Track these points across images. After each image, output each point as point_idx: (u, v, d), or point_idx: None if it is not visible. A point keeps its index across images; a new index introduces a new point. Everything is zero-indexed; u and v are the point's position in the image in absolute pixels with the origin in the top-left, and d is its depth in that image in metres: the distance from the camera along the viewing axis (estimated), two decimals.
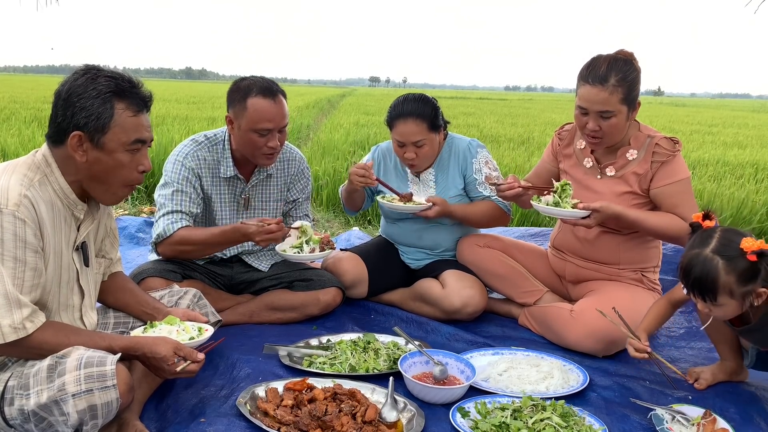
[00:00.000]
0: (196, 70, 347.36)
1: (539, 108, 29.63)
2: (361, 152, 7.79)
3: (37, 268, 1.65)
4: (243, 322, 2.68)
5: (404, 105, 2.78)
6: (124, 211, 4.96)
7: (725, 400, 2.17)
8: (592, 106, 2.39)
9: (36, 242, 1.64)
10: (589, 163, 2.62)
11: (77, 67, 1.77)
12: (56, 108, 1.72)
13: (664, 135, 2.52)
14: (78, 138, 1.69)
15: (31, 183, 1.68)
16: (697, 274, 1.88)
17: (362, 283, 2.92)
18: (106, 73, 1.73)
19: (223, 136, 2.65)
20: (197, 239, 2.45)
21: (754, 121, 24.31)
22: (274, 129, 2.48)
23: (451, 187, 2.89)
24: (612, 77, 2.35)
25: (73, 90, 1.70)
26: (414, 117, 2.73)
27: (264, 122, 2.45)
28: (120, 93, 1.72)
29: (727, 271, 1.84)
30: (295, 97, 28.57)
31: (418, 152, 2.77)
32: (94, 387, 1.56)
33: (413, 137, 2.74)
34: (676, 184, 2.44)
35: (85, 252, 1.86)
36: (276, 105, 2.47)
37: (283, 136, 2.56)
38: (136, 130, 1.75)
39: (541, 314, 2.72)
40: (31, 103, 15.69)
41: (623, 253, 2.62)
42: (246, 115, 2.46)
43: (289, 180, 2.82)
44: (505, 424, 1.86)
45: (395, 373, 2.14)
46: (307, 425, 1.82)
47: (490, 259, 2.85)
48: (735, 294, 1.87)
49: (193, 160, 2.57)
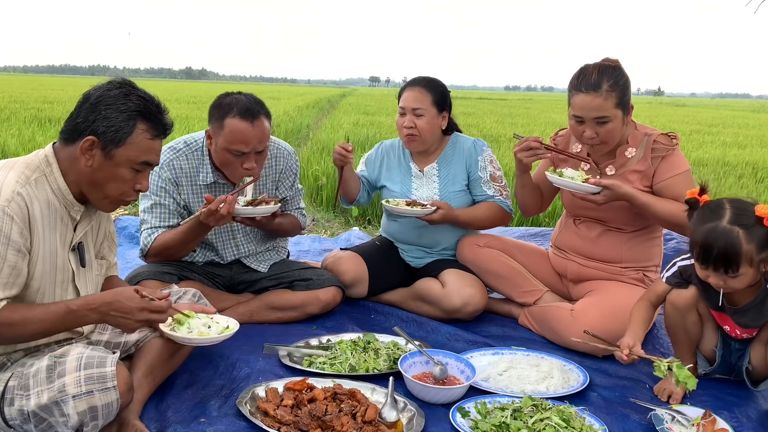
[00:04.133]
0: (196, 70, 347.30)
1: (539, 108, 29.62)
2: (361, 152, 7.78)
3: (16, 267, 1.64)
4: (243, 321, 2.65)
5: (417, 77, 2.91)
6: (124, 211, 4.95)
7: (725, 401, 2.18)
8: (588, 113, 2.39)
9: (21, 241, 1.64)
10: (586, 166, 2.63)
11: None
12: (80, 109, 1.74)
13: (660, 132, 2.53)
14: (91, 143, 1.71)
15: (28, 181, 1.69)
16: (720, 247, 1.88)
17: (362, 283, 2.91)
18: (139, 92, 1.77)
19: (202, 142, 2.59)
20: (173, 241, 2.46)
21: (754, 121, 24.31)
22: (249, 152, 2.41)
23: (454, 182, 2.91)
24: (604, 83, 2.37)
25: (104, 98, 1.73)
26: (421, 86, 2.84)
27: (239, 144, 2.38)
28: (146, 114, 1.76)
29: (747, 241, 1.87)
30: (295, 97, 28.59)
31: (416, 123, 2.80)
32: (94, 388, 1.57)
33: (414, 103, 2.80)
34: (678, 177, 2.46)
35: (81, 253, 1.86)
36: (254, 128, 2.39)
37: (262, 158, 2.49)
38: (148, 152, 1.78)
39: (541, 314, 2.72)
40: (31, 103, 15.70)
41: (626, 252, 2.63)
42: (222, 134, 2.40)
43: (277, 177, 2.77)
44: (505, 424, 1.86)
45: (395, 373, 2.14)
46: (307, 425, 1.82)
47: (490, 259, 2.85)
48: (754, 262, 1.90)
49: (169, 170, 2.53)
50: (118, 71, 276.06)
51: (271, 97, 24.60)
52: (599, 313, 2.47)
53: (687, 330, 2.21)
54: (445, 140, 2.98)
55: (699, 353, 2.31)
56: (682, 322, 2.19)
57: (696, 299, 2.15)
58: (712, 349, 2.23)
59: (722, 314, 2.14)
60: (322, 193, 5.95)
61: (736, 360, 2.20)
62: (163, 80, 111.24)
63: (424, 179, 2.95)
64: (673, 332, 2.26)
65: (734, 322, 2.13)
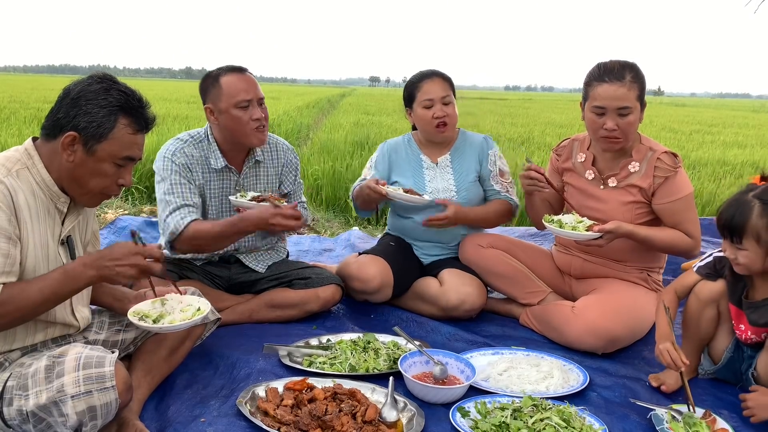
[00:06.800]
0: (196, 70, 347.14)
1: (539, 108, 29.63)
2: (361, 152, 7.78)
3: (10, 255, 1.64)
4: (243, 321, 2.67)
5: (426, 70, 2.93)
6: (124, 211, 4.95)
7: (725, 401, 2.17)
8: (612, 103, 2.39)
9: (10, 228, 1.64)
10: (591, 175, 2.63)
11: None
12: (60, 104, 1.73)
13: (664, 149, 2.53)
14: (72, 138, 1.70)
15: (9, 172, 1.69)
16: (730, 212, 1.96)
17: (388, 287, 2.83)
18: (119, 86, 1.76)
19: (205, 133, 2.65)
20: (208, 233, 2.44)
21: (754, 121, 24.31)
22: (252, 99, 2.52)
23: (468, 173, 2.94)
24: (627, 74, 2.40)
25: (84, 93, 1.72)
26: (438, 76, 2.89)
27: (241, 93, 2.50)
28: (127, 109, 1.75)
29: (760, 215, 1.91)
30: (295, 97, 28.59)
31: (446, 110, 2.84)
32: (93, 388, 1.57)
33: (441, 92, 2.84)
34: (679, 202, 2.47)
35: (71, 246, 1.85)
36: (247, 78, 2.55)
37: (265, 110, 2.58)
38: (130, 147, 1.77)
39: (542, 312, 2.72)
40: (31, 103, 15.69)
41: (630, 252, 2.63)
42: (223, 94, 2.50)
43: (281, 169, 2.81)
44: (505, 423, 1.86)
45: (395, 373, 2.14)
46: (307, 425, 1.82)
47: (494, 260, 2.84)
48: (761, 240, 1.91)
49: (182, 156, 2.56)
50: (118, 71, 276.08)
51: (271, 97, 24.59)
52: (601, 311, 2.48)
53: (700, 325, 2.21)
54: (455, 132, 3.00)
55: (706, 353, 2.31)
56: (698, 316, 2.19)
57: (720, 295, 2.15)
58: (723, 350, 2.22)
59: (739, 312, 2.13)
60: (322, 192, 5.95)
61: (746, 368, 2.18)
62: (163, 80, 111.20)
63: (438, 170, 2.95)
64: (687, 325, 2.26)
65: (748, 319, 2.12)
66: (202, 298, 2.04)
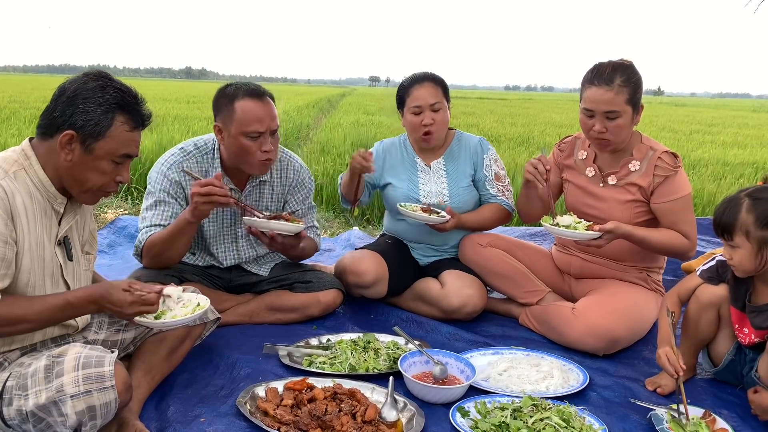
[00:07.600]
0: (196, 70, 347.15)
1: (539, 108, 29.62)
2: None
3: (6, 259, 1.64)
4: (243, 322, 2.66)
5: (418, 74, 2.88)
6: (124, 211, 4.95)
7: (725, 401, 2.18)
8: (599, 107, 2.40)
9: (6, 232, 1.64)
10: (591, 173, 2.64)
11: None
12: (56, 102, 1.73)
13: (665, 148, 2.53)
14: (69, 137, 1.70)
15: (6, 174, 1.69)
16: (722, 209, 1.99)
17: (383, 282, 2.83)
18: (115, 84, 1.76)
19: (212, 144, 2.56)
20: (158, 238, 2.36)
21: (754, 121, 24.31)
22: (265, 131, 2.39)
23: (462, 178, 2.92)
24: (617, 78, 2.39)
25: (80, 92, 1.71)
26: (430, 80, 2.83)
27: (254, 124, 2.37)
28: (124, 106, 1.74)
29: (748, 210, 1.92)
30: (295, 97, 28.56)
31: (434, 118, 2.80)
32: (92, 388, 1.57)
33: (431, 99, 2.79)
34: (677, 201, 2.47)
35: (67, 246, 1.85)
36: (265, 106, 2.40)
37: (276, 141, 2.47)
38: (128, 144, 1.77)
39: (542, 312, 2.72)
40: (31, 103, 15.68)
41: (629, 252, 2.63)
42: (235, 119, 2.37)
43: (287, 189, 2.72)
44: (505, 423, 1.86)
45: (395, 373, 2.14)
46: (307, 425, 1.82)
47: (493, 259, 2.85)
48: (751, 236, 1.92)
49: (177, 173, 2.49)
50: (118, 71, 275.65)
51: None
52: (601, 312, 2.48)
53: (699, 328, 2.21)
54: (450, 135, 2.99)
55: (706, 355, 2.31)
56: (697, 318, 2.19)
57: (720, 299, 2.15)
58: (724, 353, 2.22)
59: (742, 315, 2.13)
60: (322, 193, 5.95)
61: (747, 370, 2.18)
62: (163, 80, 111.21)
63: (431, 174, 2.95)
64: (686, 326, 2.26)
65: (750, 322, 2.12)
66: (201, 294, 2.03)
